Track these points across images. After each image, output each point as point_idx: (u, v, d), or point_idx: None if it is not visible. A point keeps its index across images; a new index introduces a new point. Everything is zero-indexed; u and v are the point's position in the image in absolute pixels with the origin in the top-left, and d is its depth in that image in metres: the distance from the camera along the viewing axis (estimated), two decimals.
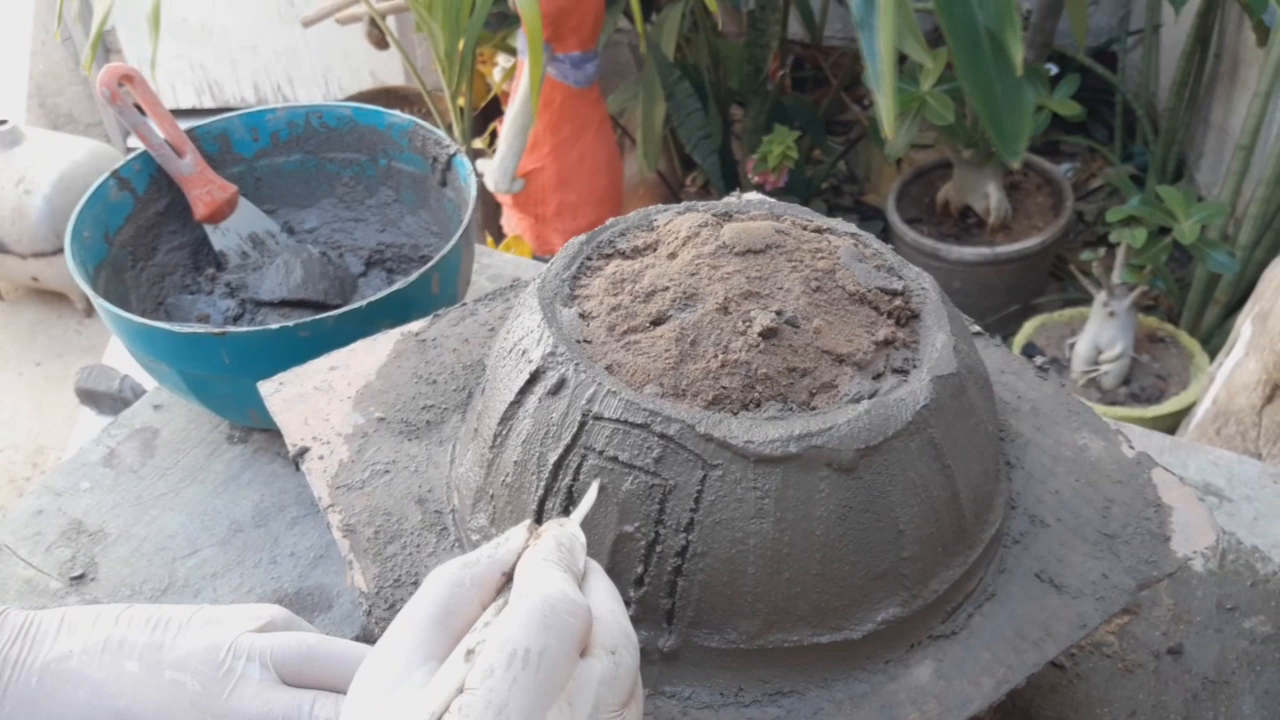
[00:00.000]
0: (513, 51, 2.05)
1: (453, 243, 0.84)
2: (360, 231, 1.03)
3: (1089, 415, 0.67)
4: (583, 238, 0.62)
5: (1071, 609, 0.56)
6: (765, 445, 0.49)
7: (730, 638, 0.51)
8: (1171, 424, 1.68)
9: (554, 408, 0.52)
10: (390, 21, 2.11)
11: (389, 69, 2.78)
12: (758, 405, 0.52)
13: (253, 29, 2.80)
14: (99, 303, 0.79)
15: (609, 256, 0.61)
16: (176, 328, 0.77)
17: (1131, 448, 0.65)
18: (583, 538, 0.44)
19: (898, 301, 0.58)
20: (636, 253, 0.61)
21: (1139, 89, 2.30)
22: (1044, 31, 1.99)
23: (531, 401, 0.54)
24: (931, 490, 0.52)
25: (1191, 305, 1.92)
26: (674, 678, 0.52)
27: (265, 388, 0.68)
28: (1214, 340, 1.86)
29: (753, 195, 0.81)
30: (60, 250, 2.31)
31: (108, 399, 1.87)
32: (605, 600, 0.41)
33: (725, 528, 0.49)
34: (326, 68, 2.85)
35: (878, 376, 0.54)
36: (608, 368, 0.53)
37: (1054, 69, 2.17)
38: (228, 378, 0.80)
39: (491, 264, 1.10)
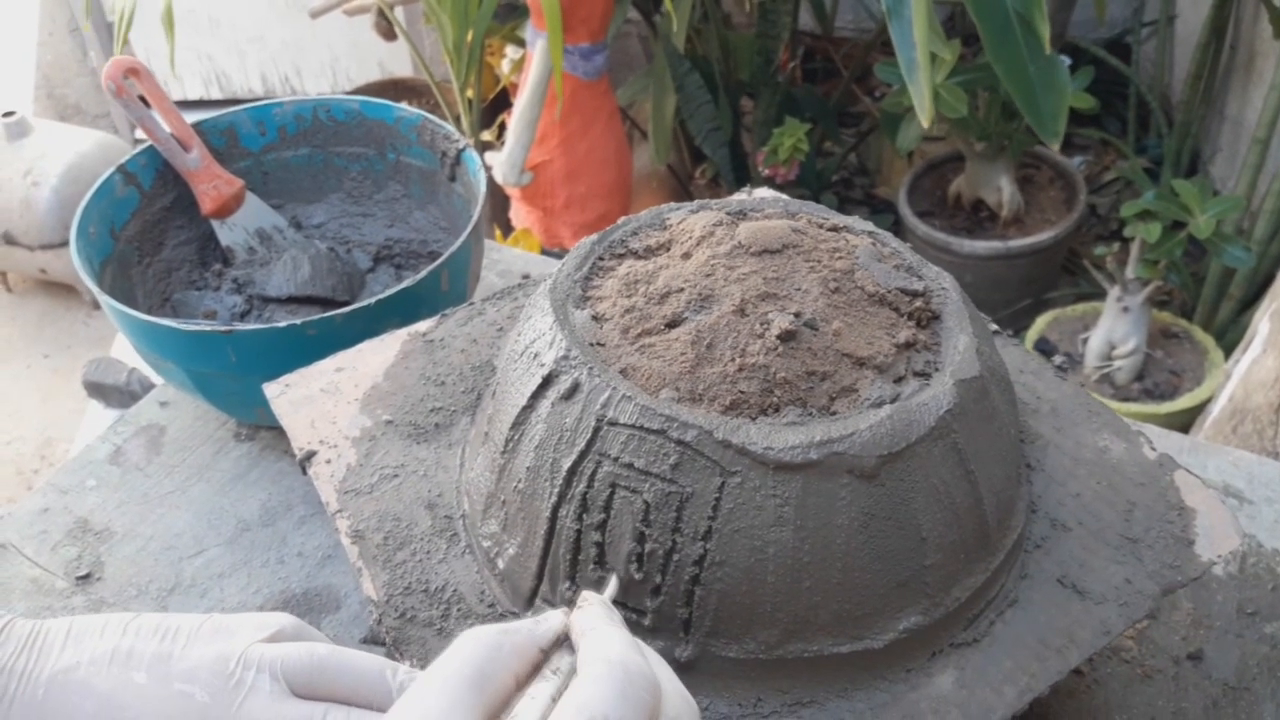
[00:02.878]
0: (522, 43, 2.04)
1: (462, 239, 0.83)
2: (368, 227, 1.02)
3: (1109, 416, 0.66)
4: (594, 237, 0.61)
5: (1094, 615, 0.55)
6: (785, 452, 0.48)
7: (749, 648, 0.50)
8: (1186, 420, 1.67)
9: (567, 413, 0.51)
10: (398, 13, 2.10)
11: (397, 60, 2.77)
12: (776, 410, 0.51)
13: (260, 20, 2.79)
14: (105, 300, 0.79)
15: (621, 256, 0.60)
16: (182, 325, 0.76)
17: (1153, 449, 0.64)
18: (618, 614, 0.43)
19: (918, 303, 0.57)
20: (649, 252, 0.60)
21: (1153, 81, 2.28)
22: (1057, 23, 1.97)
23: (544, 406, 0.53)
24: (955, 496, 0.51)
25: (1205, 300, 1.90)
26: (691, 688, 0.51)
27: (271, 390, 0.67)
28: (1228, 336, 1.84)
29: (764, 191, 0.79)
30: (68, 242, 2.31)
31: (115, 392, 1.87)
32: (662, 670, 0.40)
33: (744, 536, 0.48)
34: (334, 59, 2.84)
35: (899, 380, 0.53)
36: (622, 371, 0.52)
37: (1068, 61, 2.15)
38: (234, 375, 0.79)
39: (501, 259, 1.08)
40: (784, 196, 0.74)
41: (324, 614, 0.75)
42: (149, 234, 0.93)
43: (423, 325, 0.71)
